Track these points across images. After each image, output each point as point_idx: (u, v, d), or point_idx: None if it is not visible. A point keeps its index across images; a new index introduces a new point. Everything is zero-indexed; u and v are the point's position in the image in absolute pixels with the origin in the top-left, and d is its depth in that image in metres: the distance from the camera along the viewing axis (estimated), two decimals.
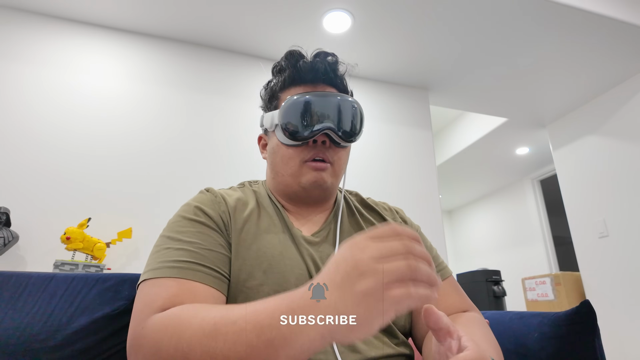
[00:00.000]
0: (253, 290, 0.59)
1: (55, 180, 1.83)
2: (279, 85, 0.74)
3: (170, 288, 0.52)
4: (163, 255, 0.57)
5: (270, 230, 0.66)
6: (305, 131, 0.66)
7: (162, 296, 0.51)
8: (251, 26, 2.16)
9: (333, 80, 0.74)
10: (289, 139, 0.68)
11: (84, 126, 1.95)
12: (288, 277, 0.61)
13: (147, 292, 0.53)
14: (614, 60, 2.40)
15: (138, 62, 2.17)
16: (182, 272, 0.54)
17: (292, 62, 0.73)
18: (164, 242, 0.60)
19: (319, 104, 0.68)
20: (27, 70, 1.95)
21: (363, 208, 0.79)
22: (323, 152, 0.68)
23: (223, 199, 0.68)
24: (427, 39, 2.25)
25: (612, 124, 2.67)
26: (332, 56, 0.74)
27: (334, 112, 0.68)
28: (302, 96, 0.68)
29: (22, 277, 0.70)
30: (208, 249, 0.59)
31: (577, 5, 1.99)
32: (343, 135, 0.68)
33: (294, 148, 0.69)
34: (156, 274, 0.54)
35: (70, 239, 1.61)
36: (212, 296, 0.55)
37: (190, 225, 0.61)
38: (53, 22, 2.07)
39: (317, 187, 0.69)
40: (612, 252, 2.58)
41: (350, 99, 0.71)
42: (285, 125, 0.68)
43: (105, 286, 0.71)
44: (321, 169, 0.68)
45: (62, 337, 0.64)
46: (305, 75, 0.71)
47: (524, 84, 2.65)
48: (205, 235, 0.60)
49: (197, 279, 0.55)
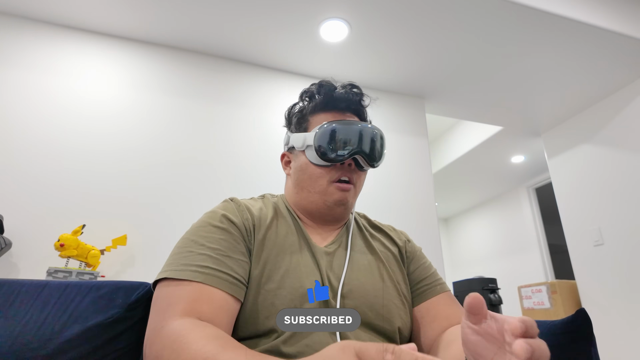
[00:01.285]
0: (271, 293, 0.64)
1: (49, 186, 1.82)
2: (309, 109, 0.82)
3: (192, 292, 0.58)
4: (186, 258, 0.62)
5: (288, 239, 0.73)
6: (337, 154, 0.75)
7: (184, 299, 0.57)
8: (249, 34, 2.18)
9: (359, 110, 0.84)
10: (321, 159, 0.75)
11: (79, 132, 1.95)
12: (304, 282, 0.66)
13: (170, 292, 0.58)
14: (607, 69, 2.43)
15: (137, 70, 2.17)
16: (202, 277, 0.59)
17: (326, 90, 0.82)
18: (188, 244, 0.65)
19: (350, 131, 0.76)
20: (22, 76, 1.94)
21: (371, 228, 0.87)
22: (349, 174, 0.77)
23: (247, 208, 0.74)
24: (423, 47, 2.27)
25: (607, 133, 2.70)
26: (357, 88, 0.85)
27: (362, 138, 0.77)
28: (337, 123, 0.77)
29: (15, 284, 0.69)
30: (229, 256, 0.64)
31: (571, 16, 2.02)
32: (368, 159, 0.77)
33: (323, 168, 0.76)
34: (179, 275, 0.59)
35: (64, 246, 1.59)
36: (227, 302, 0.60)
37: (214, 232, 0.67)
38: (53, 30, 2.07)
39: (341, 205, 0.76)
40: (608, 260, 2.58)
41: (375, 128, 0.80)
42: (319, 147, 0.75)
43: (99, 294, 0.71)
44: (346, 189, 0.76)
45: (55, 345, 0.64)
46: (338, 104, 0.81)
47: (519, 92, 2.67)
48: (227, 242, 0.66)
49: (216, 285, 0.60)
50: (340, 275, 0.70)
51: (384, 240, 0.83)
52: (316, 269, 0.69)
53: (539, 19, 2.02)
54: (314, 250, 0.72)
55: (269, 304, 0.62)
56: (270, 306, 0.62)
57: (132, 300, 0.68)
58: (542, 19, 2.02)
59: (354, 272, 0.72)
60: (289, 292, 0.64)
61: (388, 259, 0.78)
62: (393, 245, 0.83)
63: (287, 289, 0.64)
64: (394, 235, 0.86)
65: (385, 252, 0.80)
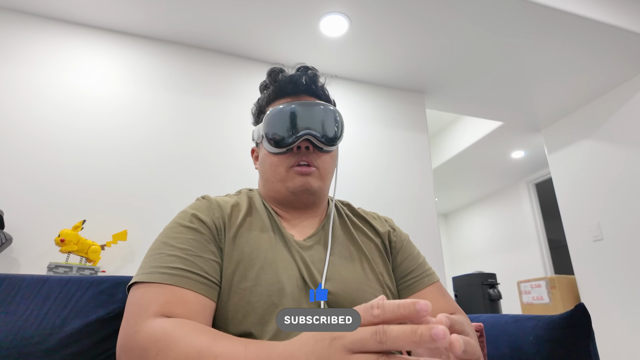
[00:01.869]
0: (247, 292, 0.61)
1: (50, 181, 1.81)
2: (264, 100, 0.80)
3: (163, 295, 0.55)
4: (156, 260, 0.59)
5: (263, 234, 0.69)
6: (288, 138, 0.71)
7: (155, 302, 0.54)
8: (249, 29, 2.17)
9: (314, 90, 0.79)
10: (274, 147, 0.72)
11: (80, 128, 1.94)
12: (280, 278, 0.63)
13: (140, 296, 0.56)
14: (608, 65, 2.42)
15: (135, 65, 2.16)
16: (173, 279, 0.57)
17: (274, 77, 0.79)
18: (159, 246, 0.62)
19: (297, 112, 0.72)
20: (22, 72, 1.94)
21: (354, 217, 0.83)
22: (307, 157, 0.73)
23: (218, 205, 0.71)
24: (423, 43, 2.26)
25: (607, 128, 2.70)
26: (312, 69, 0.80)
27: (313, 118, 0.73)
28: (280, 106, 0.74)
29: (16, 279, 0.69)
30: (199, 255, 0.61)
31: (571, 11, 2.01)
32: (324, 139, 0.73)
33: (280, 156, 0.73)
34: (149, 278, 0.57)
35: (64, 241, 1.59)
36: (201, 303, 0.57)
37: (184, 232, 0.64)
38: (54, 25, 2.06)
39: (305, 190, 0.73)
40: (607, 255, 2.59)
41: (324, 105, 0.75)
42: (269, 134, 0.73)
43: (99, 289, 0.71)
44: (307, 173, 0.72)
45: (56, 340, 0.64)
46: (285, 88, 0.77)
47: (519, 88, 2.67)
48: (197, 242, 0.63)
49: (188, 286, 0.57)
50: (321, 270, 0.67)
51: (366, 230, 0.80)
52: (293, 264, 0.66)
53: (539, 13, 2.01)
54: (289, 244, 0.69)
55: (246, 302, 0.60)
56: (246, 304, 0.60)
57: None
58: (542, 13, 2.01)
59: (335, 267, 0.69)
60: (265, 288, 0.61)
61: (370, 251, 0.75)
62: (376, 236, 0.79)
63: (263, 286, 0.61)
64: (377, 225, 0.81)
65: (367, 243, 0.77)
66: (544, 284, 2.81)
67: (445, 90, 2.73)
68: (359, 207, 0.87)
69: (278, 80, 0.77)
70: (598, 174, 2.72)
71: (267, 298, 0.60)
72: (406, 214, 2.40)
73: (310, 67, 0.80)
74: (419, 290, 0.74)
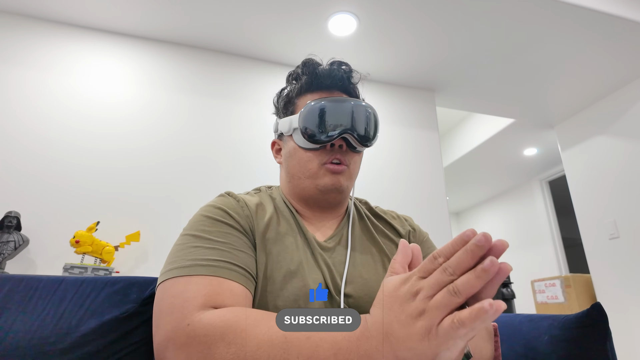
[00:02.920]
0: (273, 295, 0.60)
1: (65, 184, 1.85)
2: (295, 91, 0.77)
3: (209, 286, 0.52)
4: (192, 254, 0.57)
5: (288, 236, 0.68)
6: (324, 135, 0.68)
7: (202, 293, 0.51)
8: (257, 29, 2.17)
9: (348, 87, 0.76)
10: (308, 141, 0.70)
11: (93, 131, 1.97)
12: (306, 282, 0.62)
13: (183, 288, 0.52)
14: (622, 59, 2.37)
15: (147, 67, 2.19)
16: (218, 271, 0.55)
17: (310, 69, 0.75)
18: (190, 240, 0.60)
19: (337, 109, 0.70)
20: (37, 76, 1.97)
21: (373, 216, 0.81)
22: (341, 155, 0.70)
23: (245, 204, 0.69)
24: (433, 40, 2.24)
25: (622, 124, 2.64)
26: (346, 65, 0.77)
27: (352, 117, 0.70)
28: (322, 101, 0.71)
29: (33, 280, 0.70)
30: (239, 249, 0.60)
31: (584, 5, 1.97)
32: (359, 139, 0.70)
33: (312, 151, 0.71)
34: (189, 272, 0.54)
35: (79, 242, 1.62)
36: (246, 296, 0.56)
37: (216, 226, 0.62)
38: (63, 29, 2.09)
39: (334, 189, 0.70)
40: (623, 253, 2.54)
41: (366, 105, 0.73)
42: (305, 129, 0.70)
43: (114, 289, 0.72)
44: (339, 172, 0.70)
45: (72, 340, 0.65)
46: (323, 82, 0.74)
47: (531, 84, 2.63)
48: (234, 237, 0.62)
49: (233, 278, 0.55)
50: (342, 272, 0.66)
51: (386, 230, 0.78)
52: (316, 268, 0.65)
53: (551, 7, 1.98)
54: (312, 247, 0.68)
55: (272, 306, 0.59)
56: (273, 309, 0.58)
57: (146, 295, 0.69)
58: (554, 7, 1.97)
59: (356, 269, 0.68)
60: (291, 292, 0.60)
61: (392, 251, 0.73)
62: (396, 236, 0.78)
63: (289, 290, 0.60)
64: (397, 224, 0.80)
65: (388, 244, 0.75)
66: (558, 283, 2.76)
67: (455, 87, 2.71)
68: (377, 206, 0.85)
69: (316, 73, 0.74)
70: (613, 170, 2.67)
71: (294, 302, 0.59)
72: (417, 213, 2.38)
73: (345, 63, 0.78)
74: None
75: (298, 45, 2.27)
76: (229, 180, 2.10)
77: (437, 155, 2.61)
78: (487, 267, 0.33)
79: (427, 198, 2.46)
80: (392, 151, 2.51)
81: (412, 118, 2.65)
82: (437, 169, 2.57)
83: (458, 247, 0.35)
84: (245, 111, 2.28)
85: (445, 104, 2.90)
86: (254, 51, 2.35)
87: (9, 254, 1.58)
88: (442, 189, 2.52)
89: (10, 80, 1.93)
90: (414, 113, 2.67)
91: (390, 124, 2.58)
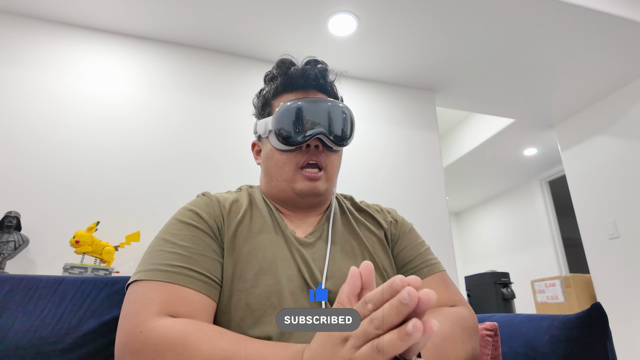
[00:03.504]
0: (245, 293, 0.59)
1: (65, 184, 1.85)
2: (271, 92, 0.76)
3: (164, 293, 0.53)
4: (156, 257, 0.58)
5: (262, 232, 0.67)
6: (299, 136, 0.68)
7: (157, 301, 0.52)
8: (257, 30, 2.17)
9: (324, 86, 0.75)
10: (283, 144, 0.69)
11: (93, 131, 1.97)
12: (280, 279, 0.61)
13: (141, 294, 0.54)
14: (622, 59, 2.37)
15: (146, 67, 2.19)
16: (174, 277, 0.55)
17: (284, 69, 0.75)
18: (159, 243, 0.60)
19: (311, 110, 0.69)
20: (37, 76, 1.97)
21: (356, 211, 0.80)
22: (316, 156, 0.70)
23: (218, 202, 0.69)
24: (433, 40, 2.24)
25: (622, 124, 2.64)
26: (322, 64, 0.76)
27: (326, 117, 0.69)
28: (295, 102, 0.70)
29: (33, 280, 0.71)
30: (201, 253, 0.59)
31: (584, 5, 1.97)
32: (335, 139, 0.70)
33: (288, 153, 0.70)
34: (148, 276, 0.55)
35: (79, 242, 1.62)
36: (203, 303, 0.56)
37: (184, 229, 0.62)
38: (63, 29, 2.09)
39: (312, 194, 0.70)
40: (623, 253, 2.54)
41: (340, 104, 0.73)
42: (279, 130, 0.69)
43: (113, 289, 0.72)
44: (315, 178, 0.70)
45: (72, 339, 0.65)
46: (296, 82, 0.73)
47: (531, 84, 2.63)
48: (198, 240, 0.61)
49: (190, 285, 0.55)
50: (322, 268, 0.64)
51: (369, 224, 0.77)
52: (293, 263, 0.64)
53: (551, 7, 1.98)
54: (289, 242, 0.66)
55: (244, 304, 0.58)
56: (244, 307, 0.58)
57: None
58: (555, 7, 1.98)
59: (337, 263, 0.66)
60: (264, 289, 0.59)
61: (373, 245, 0.73)
62: (379, 229, 0.76)
63: (261, 287, 0.59)
64: (380, 217, 0.78)
65: (370, 238, 0.74)
66: (558, 283, 2.76)
67: (455, 87, 2.71)
68: (362, 201, 0.84)
69: (289, 73, 0.74)
70: (613, 170, 2.67)
71: (266, 300, 0.58)
72: (417, 213, 2.39)
73: (320, 61, 0.77)
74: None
75: (298, 45, 2.27)
76: (229, 179, 2.10)
77: (437, 156, 2.61)
78: (409, 332, 0.32)
79: (427, 198, 2.46)
80: (392, 151, 2.51)
81: (412, 118, 2.65)
82: (437, 169, 2.57)
83: (387, 296, 0.35)
84: (244, 111, 2.27)
85: (445, 104, 2.91)
86: (254, 51, 2.35)
87: (9, 254, 1.58)
88: (442, 189, 2.52)
89: (11, 80, 1.93)
90: (414, 113, 2.67)
91: (390, 124, 2.58)
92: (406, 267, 0.72)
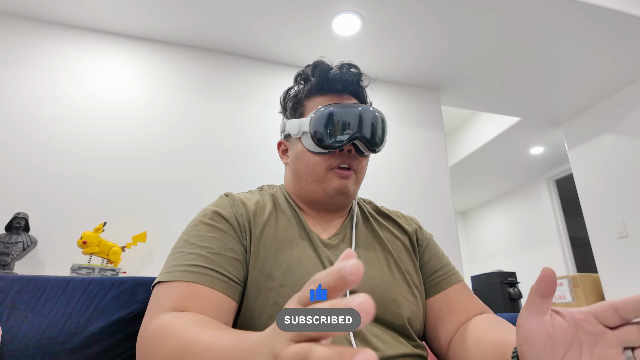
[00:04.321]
0: (273, 292, 0.60)
1: (72, 186, 1.86)
2: (304, 92, 0.77)
3: (179, 291, 0.55)
4: (177, 259, 0.60)
5: (288, 233, 0.68)
6: (334, 140, 0.69)
7: (171, 297, 0.54)
8: (262, 30, 2.18)
9: (357, 91, 0.77)
10: (318, 146, 0.70)
11: (100, 133, 1.99)
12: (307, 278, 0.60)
13: (157, 294, 0.57)
14: (629, 57, 2.35)
15: (152, 69, 2.20)
16: (191, 276, 0.56)
17: (321, 71, 0.75)
18: (180, 245, 0.62)
19: (348, 115, 0.70)
20: (44, 78, 1.99)
21: (378, 215, 0.82)
22: (349, 160, 0.71)
23: (242, 203, 0.70)
24: (437, 38, 2.23)
25: (630, 122, 2.61)
26: (355, 67, 0.77)
27: (365, 123, 0.71)
28: (334, 106, 0.71)
29: (41, 280, 0.71)
30: (219, 253, 0.61)
31: (591, 2, 1.95)
32: (368, 145, 0.71)
33: (321, 155, 0.71)
34: (168, 277, 0.57)
35: (86, 243, 1.63)
36: (217, 300, 0.56)
37: (205, 230, 0.63)
38: (66, 31, 2.11)
39: (342, 193, 0.71)
40: (632, 252, 2.51)
41: (377, 112, 0.74)
42: (315, 133, 0.70)
43: (121, 289, 0.72)
44: (346, 177, 0.71)
45: (80, 339, 0.66)
46: (334, 86, 0.74)
47: (537, 82, 2.61)
48: (218, 240, 0.62)
49: (205, 282, 0.56)
50: None
51: (392, 228, 0.78)
52: (319, 264, 0.65)
53: (557, 4, 1.96)
54: (315, 244, 0.68)
55: (272, 302, 0.59)
56: (273, 305, 0.59)
57: None
58: (561, 4, 1.96)
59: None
60: (292, 289, 0.60)
61: (397, 249, 0.74)
62: (402, 234, 0.78)
63: (290, 286, 0.61)
64: (403, 223, 0.80)
65: (393, 242, 0.75)
66: (566, 283, 2.74)
67: (460, 86, 2.69)
68: (382, 205, 0.85)
69: (327, 77, 0.74)
70: (621, 169, 2.64)
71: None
72: (423, 212, 2.38)
73: (354, 65, 0.78)
74: (447, 289, 0.72)
75: (302, 45, 2.27)
76: (234, 180, 2.11)
77: (442, 155, 2.60)
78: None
79: (432, 198, 2.45)
80: (397, 151, 2.50)
81: (417, 117, 2.64)
82: (443, 169, 2.56)
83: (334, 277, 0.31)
84: (248, 111, 2.28)
85: (450, 103, 2.89)
86: (259, 51, 2.35)
87: (18, 254, 1.60)
88: (447, 188, 2.51)
89: (19, 83, 1.95)
90: (419, 112, 2.66)
91: (395, 124, 2.58)
92: (435, 274, 0.75)
